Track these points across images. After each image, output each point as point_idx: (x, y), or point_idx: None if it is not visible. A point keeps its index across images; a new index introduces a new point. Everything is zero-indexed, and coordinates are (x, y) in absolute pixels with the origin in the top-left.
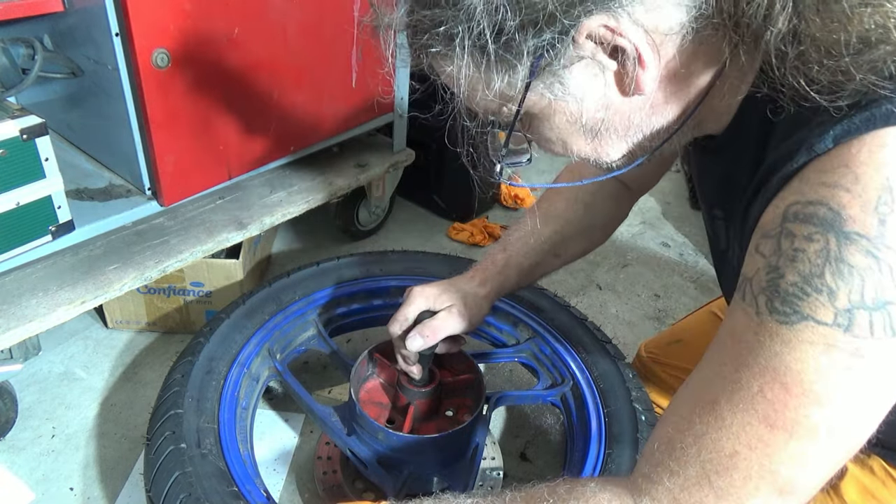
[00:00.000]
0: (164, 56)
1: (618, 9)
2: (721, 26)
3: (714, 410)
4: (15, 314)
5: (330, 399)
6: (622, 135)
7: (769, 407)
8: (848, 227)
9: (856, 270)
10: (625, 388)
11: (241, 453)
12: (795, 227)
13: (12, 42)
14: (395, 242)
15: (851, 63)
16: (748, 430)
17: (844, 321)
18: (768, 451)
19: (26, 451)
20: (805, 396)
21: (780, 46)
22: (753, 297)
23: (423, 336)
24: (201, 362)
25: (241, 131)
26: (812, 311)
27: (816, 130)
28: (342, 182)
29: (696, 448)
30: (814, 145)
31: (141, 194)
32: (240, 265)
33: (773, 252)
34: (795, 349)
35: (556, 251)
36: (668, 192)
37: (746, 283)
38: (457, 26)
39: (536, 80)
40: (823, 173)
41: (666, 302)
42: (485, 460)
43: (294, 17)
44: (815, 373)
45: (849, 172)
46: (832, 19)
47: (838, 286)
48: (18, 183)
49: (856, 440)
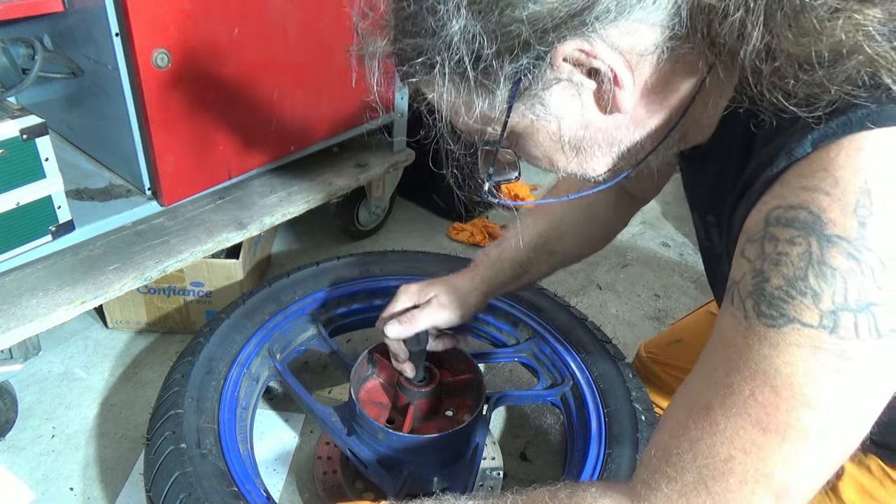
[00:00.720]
0: (164, 56)
1: (591, 33)
2: (697, 45)
3: (708, 415)
4: (15, 314)
5: (330, 399)
6: (606, 150)
7: (761, 410)
8: (829, 230)
9: (838, 273)
10: (625, 388)
11: (241, 453)
12: (778, 230)
13: (12, 42)
14: (395, 242)
15: (826, 76)
16: (742, 435)
17: (830, 323)
18: (762, 455)
19: (26, 451)
20: (795, 399)
21: (755, 63)
22: (741, 301)
23: (401, 323)
24: (201, 362)
25: (241, 131)
26: (798, 313)
27: (796, 136)
28: (342, 182)
29: (693, 454)
30: (793, 150)
31: (141, 194)
32: (240, 265)
33: (758, 256)
34: (783, 352)
35: (551, 247)
36: (668, 192)
37: (734, 286)
38: (436, 55)
39: (517, 102)
40: (803, 177)
41: (666, 302)
42: (485, 460)
43: (294, 17)
44: (803, 375)
45: (828, 176)
46: (803, 34)
47: (822, 289)
48: (18, 183)
49: (848, 442)
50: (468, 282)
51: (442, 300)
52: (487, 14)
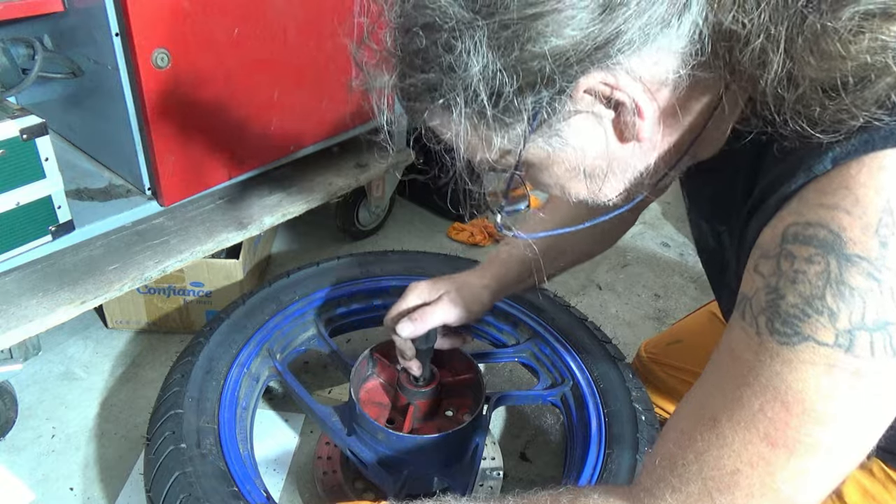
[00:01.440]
0: (164, 56)
1: (615, 65)
2: (717, 70)
3: (715, 428)
4: (15, 314)
5: (330, 399)
6: (620, 177)
7: (770, 425)
8: (849, 250)
9: (857, 292)
10: (625, 388)
11: (241, 453)
12: (795, 248)
13: (12, 42)
14: (395, 242)
15: (853, 101)
16: (749, 449)
17: (845, 342)
18: (770, 469)
19: (26, 451)
20: (806, 415)
21: (777, 91)
22: (753, 317)
23: (413, 321)
24: (201, 362)
25: (240, 131)
26: (813, 331)
27: (814, 152)
28: (342, 182)
29: (698, 465)
30: (812, 167)
31: (141, 194)
32: (240, 265)
33: (773, 273)
34: (796, 369)
35: (560, 247)
36: (668, 193)
37: (746, 301)
38: (451, 92)
39: (534, 135)
40: (823, 195)
41: (666, 302)
42: (485, 460)
43: (294, 17)
44: (815, 392)
45: (849, 194)
46: (826, 58)
47: (839, 308)
48: (18, 183)
49: (856, 456)
50: (478, 279)
51: (452, 297)
52: (508, 50)
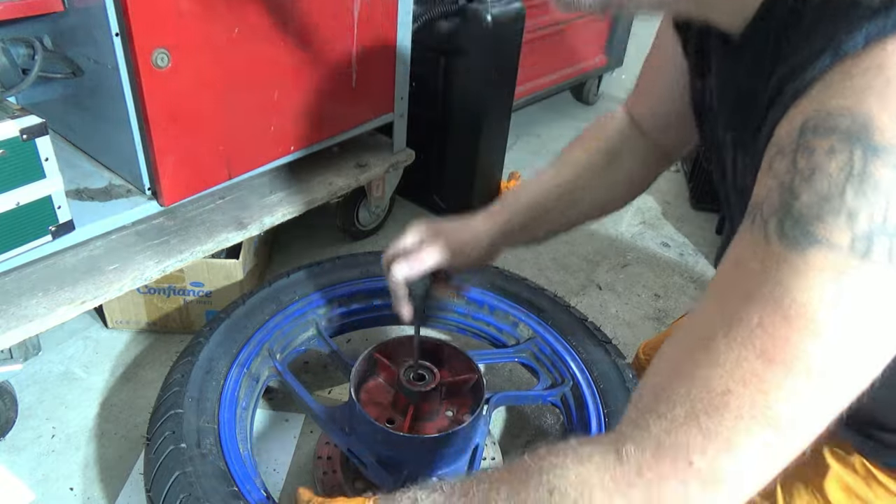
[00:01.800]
0: (164, 56)
1: None
2: None
3: (708, 348)
4: (15, 314)
5: (330, 399)
6: None
7: (768, 340)
8: (877, 140)
9: (881, 189)
10: (625, 388)
11: (241, 453)
12: (815, 140)
13: (12, 42)
14: None
15: None
16: (743, 366)
17: (862, 246)
18: (763, 388)
19: (26, 451)
20: (807, 329)
21: None
22: (763, 222)
23: (409, 261)
24: (201, 362)
25: (240, 131)
26: (827, 233)
27: (845, 27)
28: (342, 182)
29: (686, 388)
30: (842, 44)
31: (141, 194)
32: (240, 265)
33: (788, 170)
34: (803, 277)
35: (573, 197)
36: (668, 192)
37: (756, 209)
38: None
39: None
40: (851, 77)
41: (666, 302)
42: (485, 460)
43: (294, 17)
44: (819, 303)
45: (880, 75)
46: None
47: (860, 206)
48: (18, 183)
49: (854, 385)
50: (481, 223)
51: (452, 240)
52: None
